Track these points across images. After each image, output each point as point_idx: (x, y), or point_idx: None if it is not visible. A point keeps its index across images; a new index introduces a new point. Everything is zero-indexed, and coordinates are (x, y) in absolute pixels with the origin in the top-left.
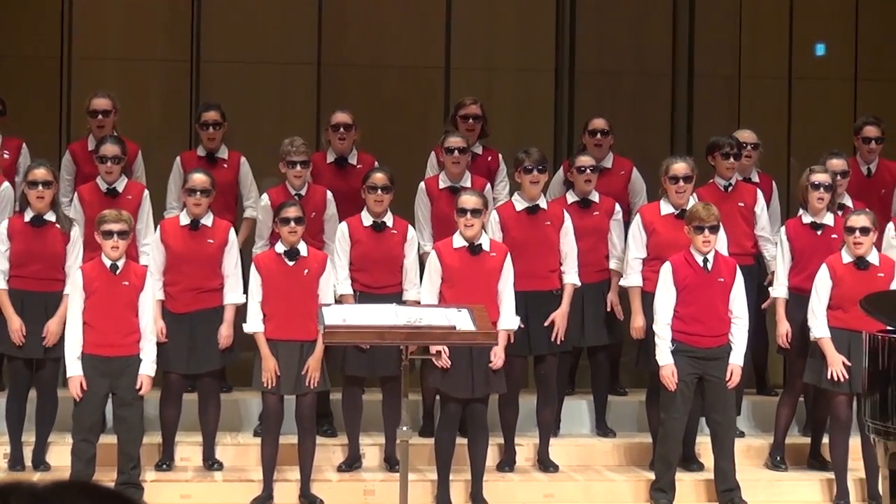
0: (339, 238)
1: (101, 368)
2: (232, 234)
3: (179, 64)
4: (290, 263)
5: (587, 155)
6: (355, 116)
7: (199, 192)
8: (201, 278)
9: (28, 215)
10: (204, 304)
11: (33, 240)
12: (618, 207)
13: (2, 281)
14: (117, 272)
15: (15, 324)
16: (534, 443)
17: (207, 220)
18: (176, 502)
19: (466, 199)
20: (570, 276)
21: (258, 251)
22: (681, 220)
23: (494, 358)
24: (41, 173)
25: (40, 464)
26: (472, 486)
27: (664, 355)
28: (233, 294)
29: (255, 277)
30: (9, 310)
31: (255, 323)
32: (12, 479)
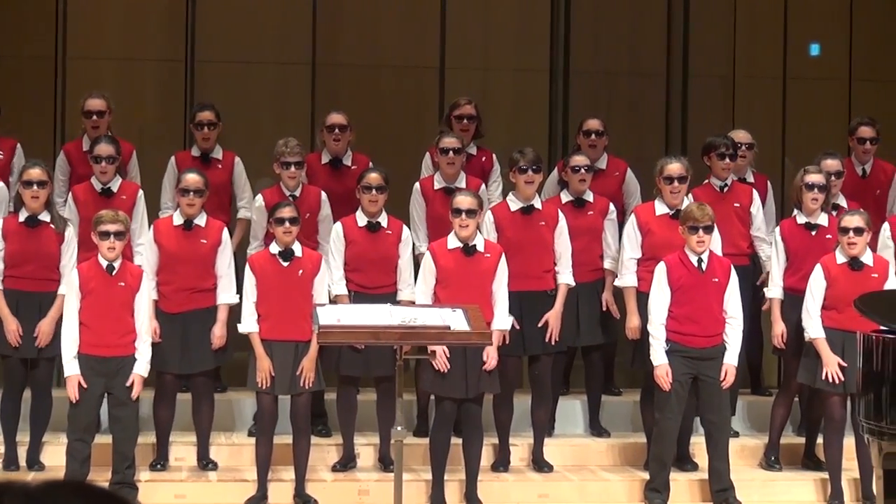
0: (334, 238)
1: (97, 368)
2: (225, 235)
3: (174, 64)
4: (285, 264)
5: (582, 154)
6: (350, 116)
7: (192, 193)
8: (195, 278)
9: (23, 215)
10: (197, 305)
11: (28, 240)
12: (612, 207)
13: None
14: (114, 273)
15: (11, 325)
16: (528, 443)
17: (201, 221)
18: (170, 502)
19: (461, 200)
20: (565, 276)
21: (253, 252)
22: (675, 221)
23: (487, 359)
24: (36, 173)
25: (34, 464)
26: (466, 486)
27: (658, 355)
28: (226, 294)
29: (249, 278)
30: (4, 310)
31: (249, 323)
32: (5, 479)
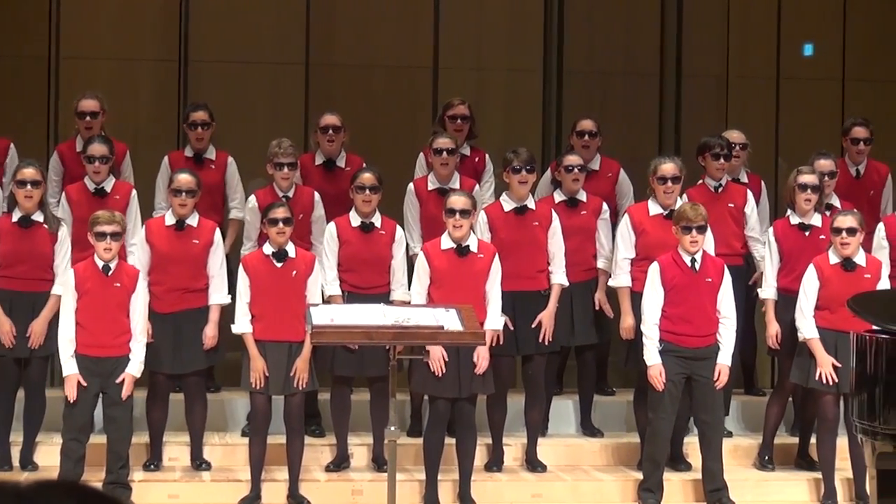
0: (328, 238)
1: (92, 369)
2: (217, 235)
3: (168, 64)
4: (279, 265)
5: (575, 154)
6: (344, 116)
7: (184, 193)
8: (187, 278)
9: (16, 215)
10: (189, 305)
11: (21, 240)
12: (605, 206)
13: None
14: (109, 273)
15: (5, 326)
16: (522, 443)
17: (193, 221)
18: (164, 502)
19: (455, 200)
20: (558, 275)
21: (246, 252)
22: (669, 221)
23: (478, 360)
24: (30, 173)
25: (28, 464)
26: (459, 485)
27: (652, 355)
28: (218, 294)
29: (243, 278)
30: None
31: (243, 324)
32: None
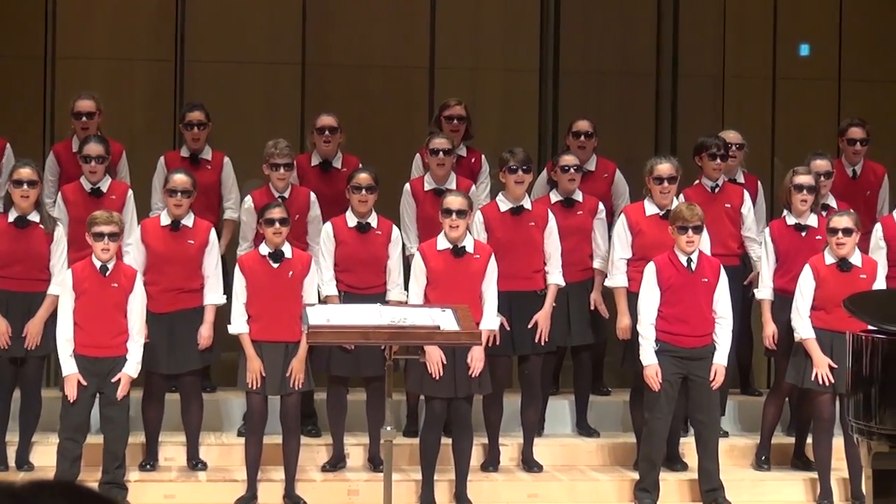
0: (324, 238)
1: (90, 369)
2: (212, 235)
3: (164, 64)
4: (275, 265)
5: (571, 154)
6: (340, 116)
7: (179, 193)
8: (182, 279)
9: (12, 216)
10: (184, 305)
11: (17, 240)
12: (601, 206)
13: None
14: (107, 273)
15: (1, 326)
16: (518, 443)
17: (188, 221)
18: (160, 502)
19: (452, 200)
20: (555, 276)
21: (242, 253)
22: (665, 221)
23: (472, 363)
24: (26, 172)
25: (24, 464)
26: (456, 485)
27: (648, 355)
28: (213, 295)
29: (239, 279)
30: None
31: (239, 324)
32: None
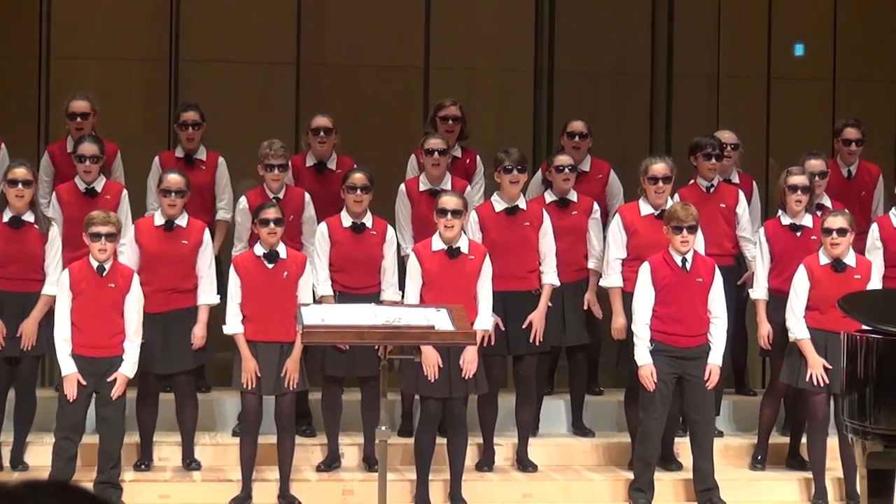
0: (319, 238)
1: (87, 369)
2: (206, 235)
3: (158, 63)
4: (270, 266)
5: (565, 154)
6: (335, 116)
7: (173, 193)
8: (176, 279)
9: (6, 216)
10: (178, 305)
11: (11, 241)
12: (596, 206)
13: None
14: (104, 274)
15: None
16: (513, 442)
17: (182, 221)
18: (155, 502)
19: (447, 200)
20: (549, 276)
21: (237, 253)
22: (660, 221)
23: (463, 365)
24: (21, 172)
25: (18, 464)
26: (450, 485)
27: (643, 355)
28: (206, 294)
29: (234, 279)
30: None
31: (234, 324)
32: None
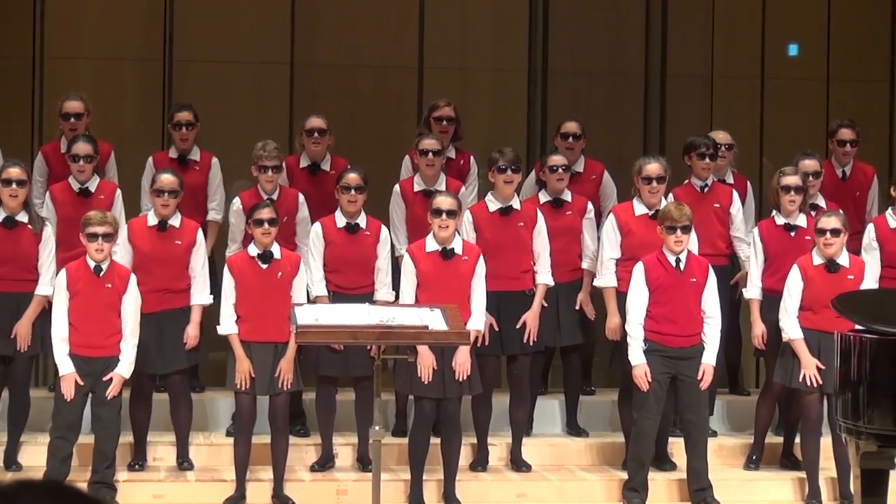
0: (313, 238)
1: (84, 369)
2: (199, 235)
3: (152, 63)
4: (264, 266)
5: (559, 154)
6: (329, 117)
7: (166, 193)
8: (169, 279)
9: (0, 216)
10: (171, 305)
11: (5, 240)
12: (590, 206)
13: None
14: (101, 274)
15: None
16: (506, 442)
17: (175, 221)
18: (148, 502)
19: (442, 201)
20: (543, 276)
21: (231, 254)
22: (654, 221)
23: (456, 366)
24: (15, 172)
25: (12, 464)
26: (444, 485)
27: (637, 355)
28: (200, 295)
29: (228, 280)
30: None
31: (228, 325)
32: None
